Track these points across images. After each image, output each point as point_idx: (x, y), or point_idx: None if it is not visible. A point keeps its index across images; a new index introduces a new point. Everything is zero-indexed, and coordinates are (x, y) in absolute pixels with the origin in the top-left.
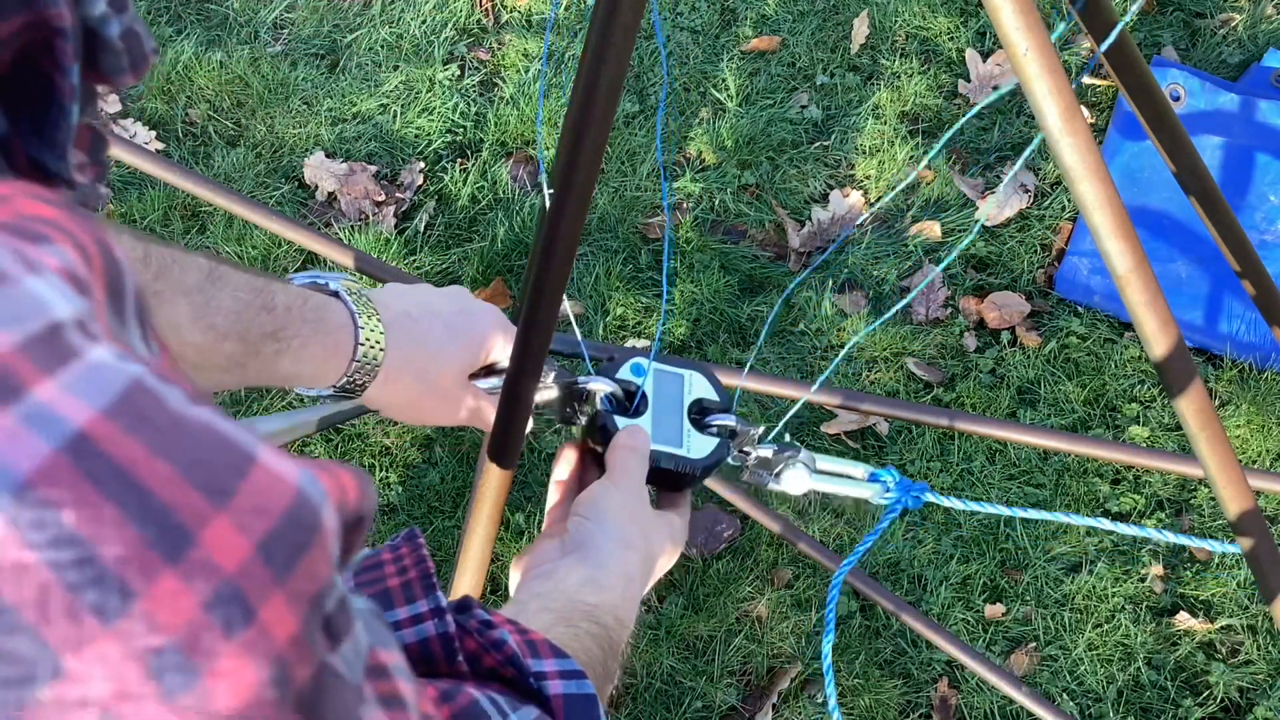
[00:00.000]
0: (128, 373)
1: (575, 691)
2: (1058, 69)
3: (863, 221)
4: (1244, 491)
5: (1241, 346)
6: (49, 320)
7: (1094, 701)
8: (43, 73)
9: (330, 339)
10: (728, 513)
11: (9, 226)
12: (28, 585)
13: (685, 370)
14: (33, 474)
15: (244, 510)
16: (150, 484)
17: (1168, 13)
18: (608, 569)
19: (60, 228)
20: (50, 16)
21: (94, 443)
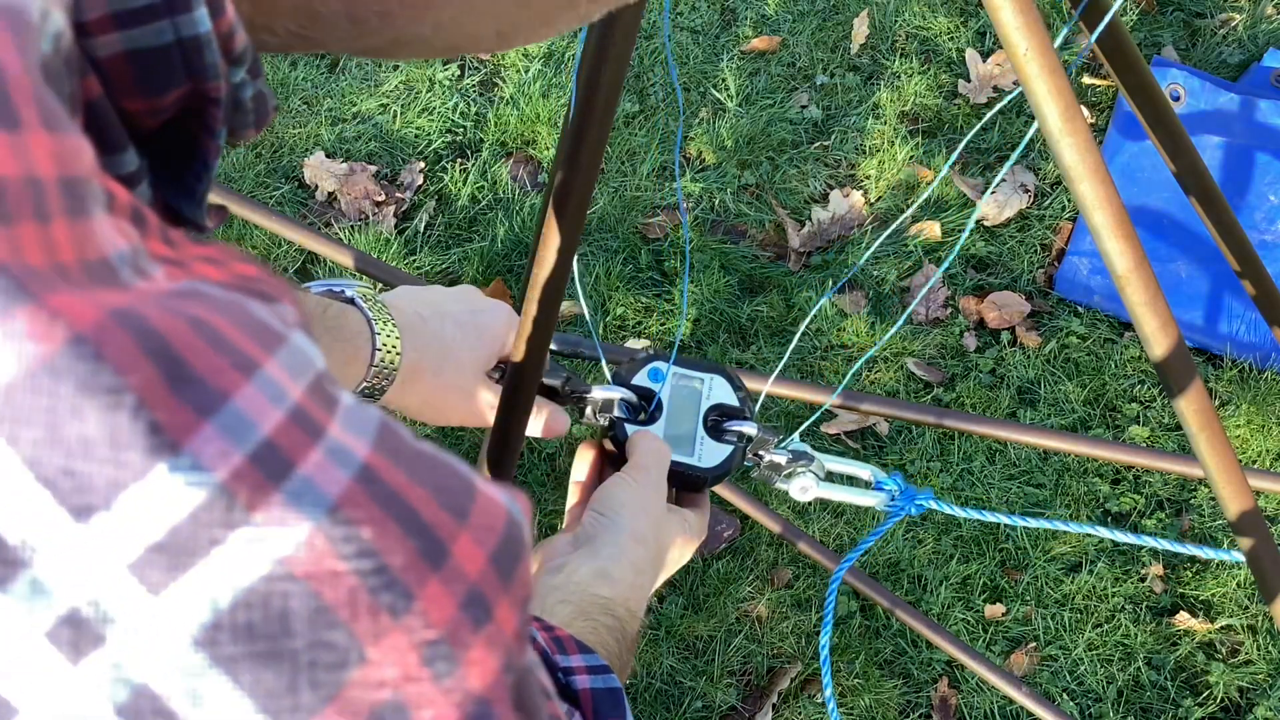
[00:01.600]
0: (373, 413)
1: (602, 686)
2: (1058, 69)
3: (899, 221)
4: (1244, 491)
5: (1241, 346)
6: (317, 370)
7: (1094, 701)
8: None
9: (349, 346)
10: (728, 512)
11: (245, 289)
12: (341, 589)
13: (705, 374)
14: (340, 498)
15: (479, 527)
16: (417, 506)
17: (1168, 13)
18: (618, 562)
19: (273, 286)
20: (209, 89)
21: (375, 471)
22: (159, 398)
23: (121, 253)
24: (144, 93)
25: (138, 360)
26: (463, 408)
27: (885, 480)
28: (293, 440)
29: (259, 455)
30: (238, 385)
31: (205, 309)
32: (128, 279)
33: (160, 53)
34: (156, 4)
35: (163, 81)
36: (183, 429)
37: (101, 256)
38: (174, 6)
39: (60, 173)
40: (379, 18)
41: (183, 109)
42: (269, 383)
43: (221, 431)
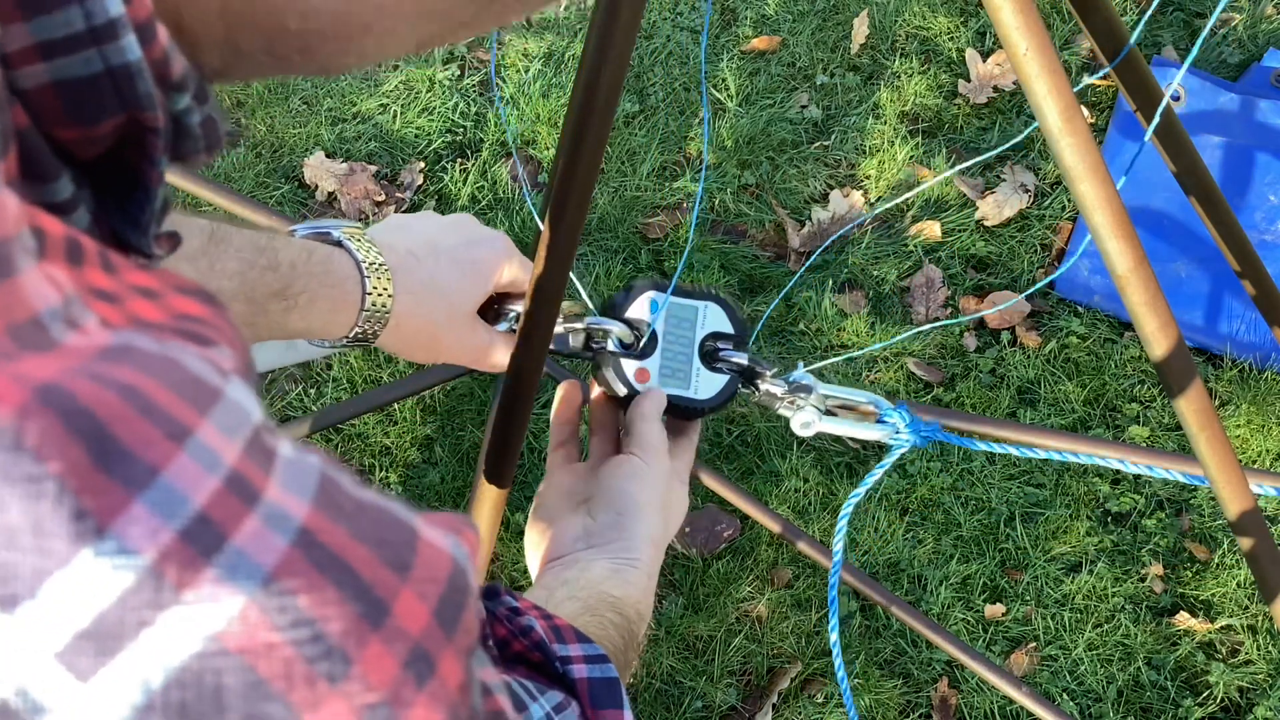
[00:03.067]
0: (312, 464)
1: (599, 675)
2: (1057, 69)
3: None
4: (1244, 491)
5: (1241, 346)
6: (253, 424)
7: (1094, 701)
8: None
9: (338, 291)
10: (728, 513)
11: (179, 331)
12: (276, 660)
13: (700, 302)
14: (275, 568)
15: (421, 581)
16: (356, 565)
17: (1168, 13)
18: (635, 567)
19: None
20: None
21: (313, 534)
22: (85, 480)
23: (52, 308)
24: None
25: (63, 442)
26: (456, 347)
27: (890, 411)
28: (227, 510)
29: (190, 530)
30: (169, 456)
31: (136, 372)
32: (58, 335)
33: (89, 82)
34: (80, 33)
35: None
36: (109, 510)
37: (31, 315)
38: (99, 35)
39: None
40: (300, 54)
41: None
42: (202, 449)
43: (151, 509)
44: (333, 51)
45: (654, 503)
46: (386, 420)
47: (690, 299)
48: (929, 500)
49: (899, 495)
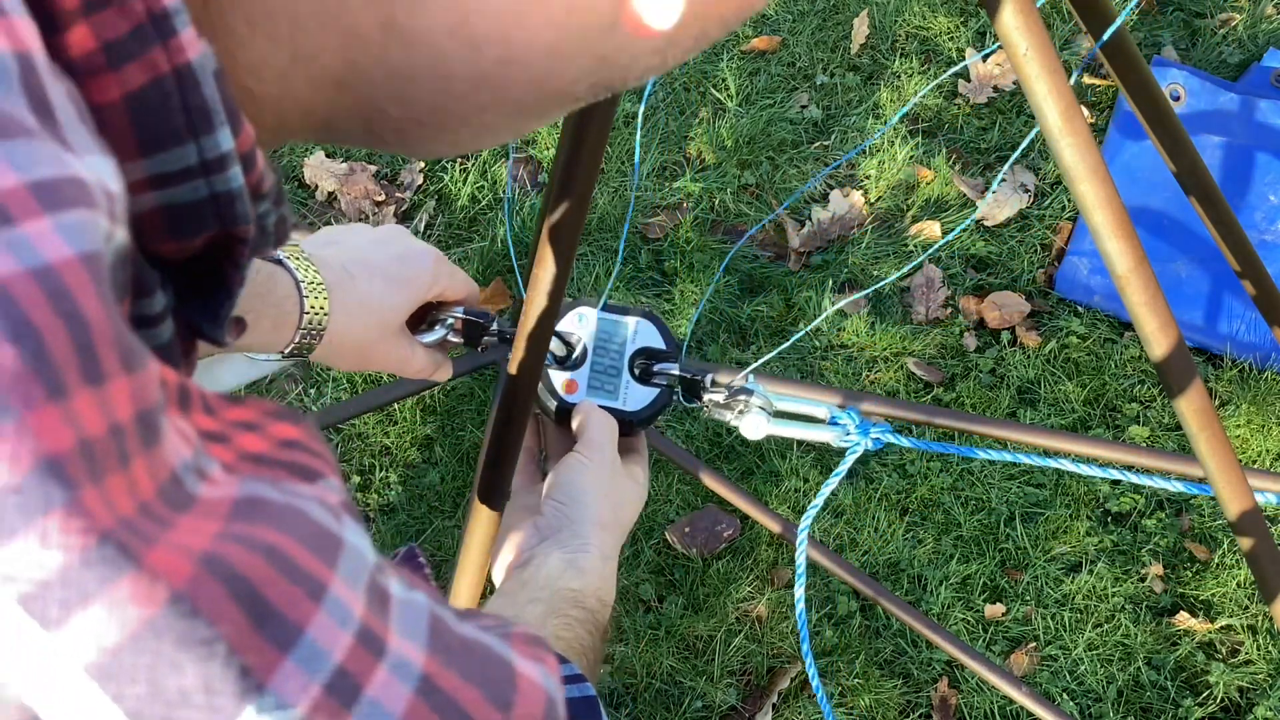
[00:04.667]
0: (421, 604)
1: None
2: (1057, 69)
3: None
4: (1244, 491)
5: (1241, 346)
6: (369, 570)
7: (1094, 701)
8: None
9: (278, 310)
10: (728, 513)
11: (285, 464)
12: None
13: (631, 318)
14: (404, 715)
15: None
16: (469, 708)
17: (1168, 13)
18: (586, 552)
19: (311, 451)
20: (239, 232)
21: (432, 680)
22: (245, 640)
23: (186, 461)
24: (174, 238)
25: (227, 608)
26: (383, 358)
27: (839, 414)
28: (360, 663)
29: (333, 684)
30: (311, 615)
31: (272, 530)
32: (193, 488)
33: (194, 206)
34: (193, 167)
35: (194, 229)
36: (266, 668)
37: (171, 472)
38: (209, 168)
39: (137, 409)
40: (395, 135)
41: (210, 245)
42: (337, 604)
43: (300, 664)
44: (427, 138)
45: (597, 490)
46: (386, 420)
47: (620, 315)
48: (929, 500)
49: (899, 495)
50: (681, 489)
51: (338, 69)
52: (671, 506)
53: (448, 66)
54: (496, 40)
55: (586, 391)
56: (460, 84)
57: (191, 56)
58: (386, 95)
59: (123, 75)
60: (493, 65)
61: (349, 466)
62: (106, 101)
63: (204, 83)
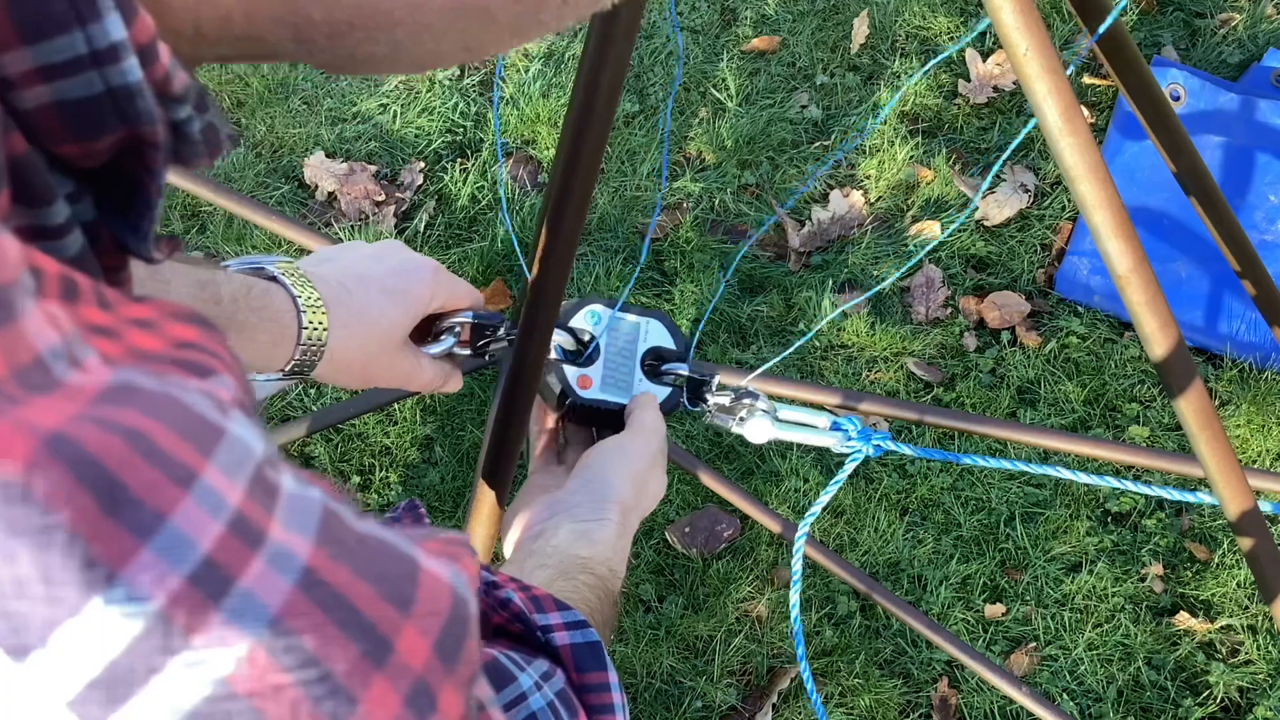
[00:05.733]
0: (314, 499)
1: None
2: (1058, 69)
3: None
4: (1244, 491)
5: (1241, 346)
6: (255, 461)
7: (1094, 701)
8: (132, 173)
9: (275, 327)
10: (728, 513)
11: (178, 362)
12: (284, 702)
13: (642, 318)
14: (281, 609)
15: (422, 615)
16: (358, 604)
17: (1168, 13)
18: (602, 524)
19: (209, 351)
20: (146, 133)
21: (316, 573)
22: (95, 527)
23: (54, 347)
24: (76, 139)
25: (72, 492)
26: (387, 374)
27: (840, 420)
28: (232, 553)
29: (198, 575)
30: (176, 502)
31: (140, 415)
32: (61, 374)
33: (90, 102)
34: (82, 56)
35: (94, 128)
36: (119, 557)
37: (34, 356)
38: (100, 59)
39: None
40: (328, 39)
41: (121, 150)
42: (208, 492)
43: (159, 555)
44: (363, 45)
45: (629, 473)
46: (386, 420)
47: (632, 314)
48: (929, 500)
49: (899, 495)
50: (681, 489)
51: None
52: (671, 506)
53: None
54: None
55: (601, 387)
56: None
57: None
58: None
59: None
60: None
61: (349, 466)
62: None
63: None
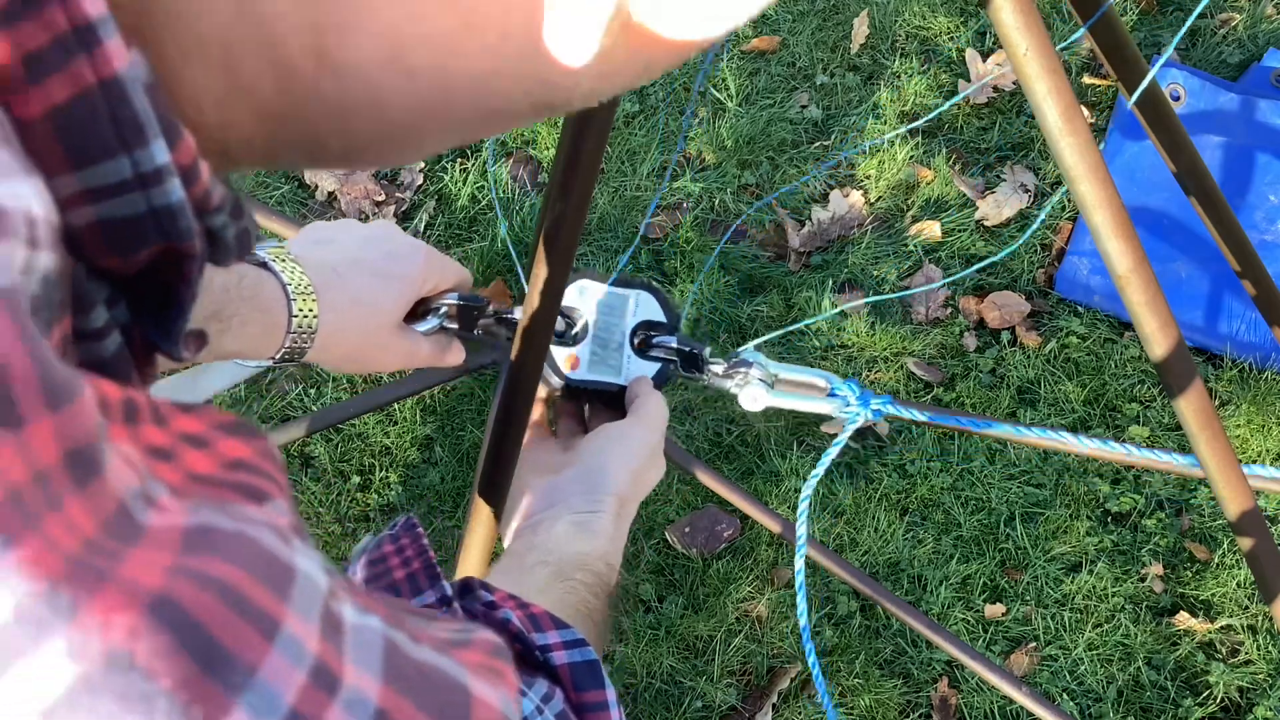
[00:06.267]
0: (375, 629)
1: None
2: (1058, 69)
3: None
4: (1244, 491)
5: (1241, 346)
6: (323, 597)
7: (1094, 701)
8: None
9: (267, 316)
10: (728, 513)
11: (234, 486)
12: None
13: (631, 292)
14: None
15: None
16: None
17: (1168, 13)
18: (600, 514)
19: (260, 471)
20: (185, 248)
21: (388, 714)
22: (194, 688)
23: (132, 490)
24: (116, 253)
25: (174, 655)
26: (380, 358)
27: (839, 384)
28: (314, 703)
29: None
30: (264, 655)
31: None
32: (141, 517)
33: (133, 220)
34: (128, 180)
35: (135, 244)
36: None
37: (118, 503)
38: (145, 181)
39: (65, 448)
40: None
41: (157, 260)
42: (290, 642)
43: (251, 711)
44: (371, 159)
45: (628, 463)
46: (386, 420)
47: (622, 288)
48: (929, 500)
49: (899, 495)
50: (681, 489)
51: (275, 102)
52: (671, 506)
53: (383, 97)
54: (432, 69)
55: (588, 368)
56: (398, 113)
57: (119, 67)
58: (326, 129)
59: (45, 89)
60: (430, 93)
61: (349, 466)
62: (29, 117)
63: (133, 95)
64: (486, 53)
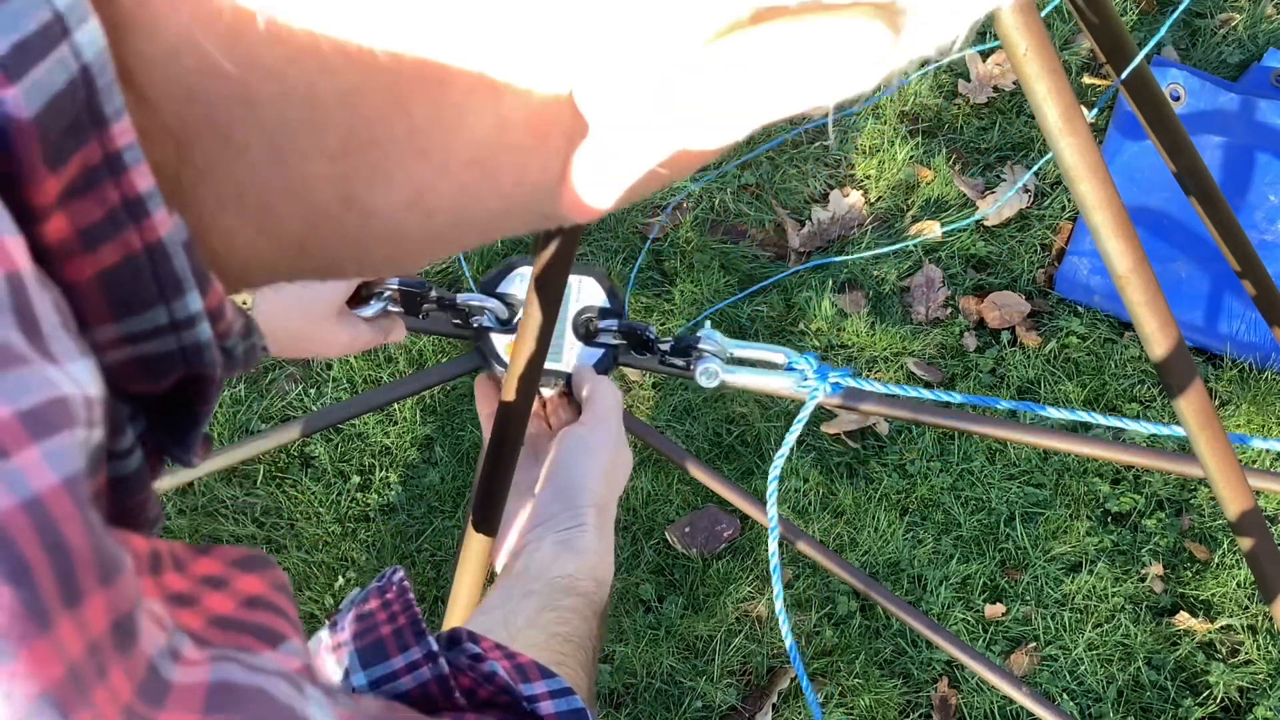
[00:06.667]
0: None
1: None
2: (1057, 69)
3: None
4: (1244, 491)
5: (1241, 346)
6: None
7: (1094, 701)
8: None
9: None
10: (728, 513)
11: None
12: None
13: (575, 277)
14: None
15: None
16: None
17: (1168, 13)
18: (583, 531)
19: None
20: (207, 373)
21: None
22: None
23: (160, 648)
24: (146, 382)
25: None
26: (324, 344)
27: (797, 359)
28: None
29: None
30: None
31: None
32: (167, 674)
33: (164, 356)
34: (163, 326)
35: (164, 374)
36: None
37: (148, 663)
38: (179, 326)
39: (113, 618)
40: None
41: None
42: None
43: None
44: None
45: (598, 468)
46: (386, 420)
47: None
48: (929, 500)
49: (899, 495)
50: (681, 489)
51: (301, 236)
52: (671, 506)
53: (403, 231)
54: (450, 210)
55: None
56: (414, 244)
57: (163, 233)
58: (345, 257)
59: (97, 255)
60: (445, 229)
61: (349, 466)
62: (81, 279)
63: (174, 255)
64: (499, 196)
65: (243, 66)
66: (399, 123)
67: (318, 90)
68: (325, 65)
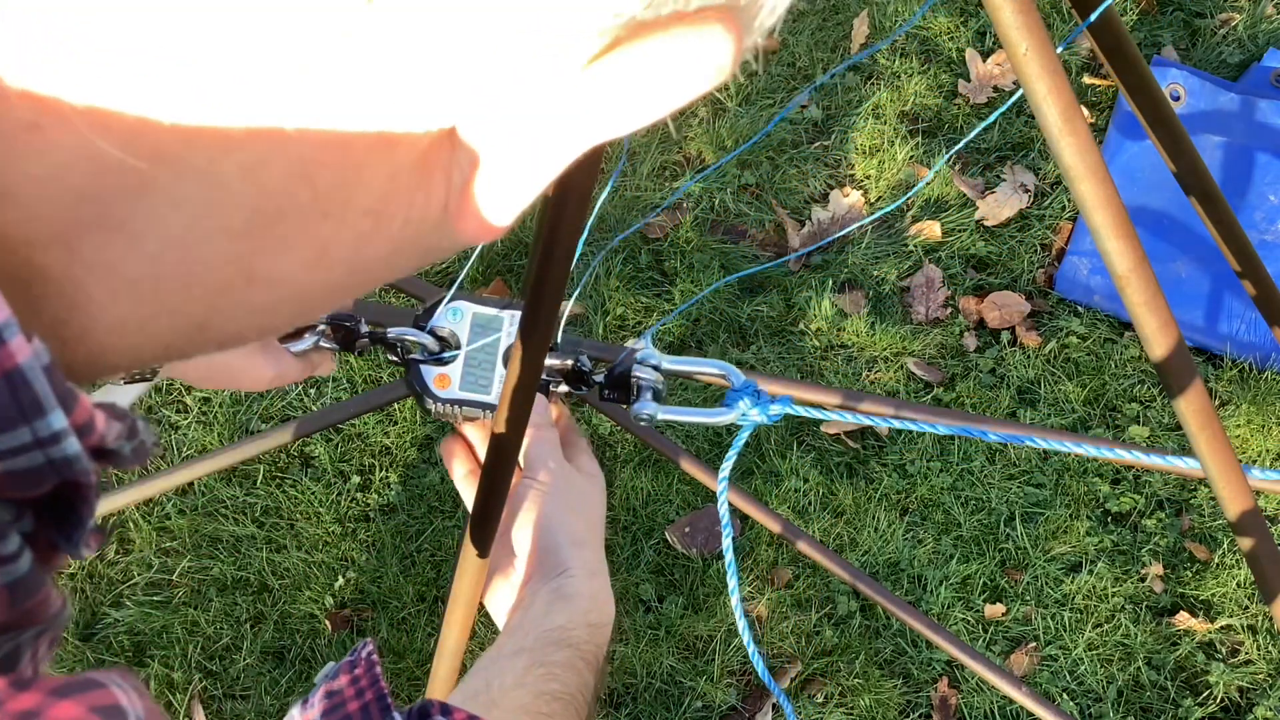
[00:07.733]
0: None
1: None
2: (1057, 69)
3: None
4: (1244, 491)
5: (1241, 346)
6: None
7: (1094, 701)
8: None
9: None
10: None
11: None
12: None
13: (506, 312)
14: None
15: None
16: None
17: (1168, 13)
18: (570, 576)
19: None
20: (81, 479)
21: None
22: None
23: None
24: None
25: None
26: (243, 379)
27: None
28: None
29: None
30: None
31: None
32: None
33: (34, 469)
34: (28, 443)
35: (36, 484)
36: None
37: None
38: (43, 443)
39: None
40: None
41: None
42: None
43: None
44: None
45: (557, 511)
46: (386, 420)
47: (497, 309)
48: (929, 500)
49: (899, 495)
50: (681, 489)
51: (202, 317)
52: (671, 506)
53: (306, 291)
54: (348, 261)
55: (460, 386)
56: (316, 300)
57: (20, 360)
58: (247, 326)
59: None
60: (343, 279)
61: (349, 466)
62: None
63: (33, 380)
64: (390, 240)
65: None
66: (303, 191)
67: (219, 167)
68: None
